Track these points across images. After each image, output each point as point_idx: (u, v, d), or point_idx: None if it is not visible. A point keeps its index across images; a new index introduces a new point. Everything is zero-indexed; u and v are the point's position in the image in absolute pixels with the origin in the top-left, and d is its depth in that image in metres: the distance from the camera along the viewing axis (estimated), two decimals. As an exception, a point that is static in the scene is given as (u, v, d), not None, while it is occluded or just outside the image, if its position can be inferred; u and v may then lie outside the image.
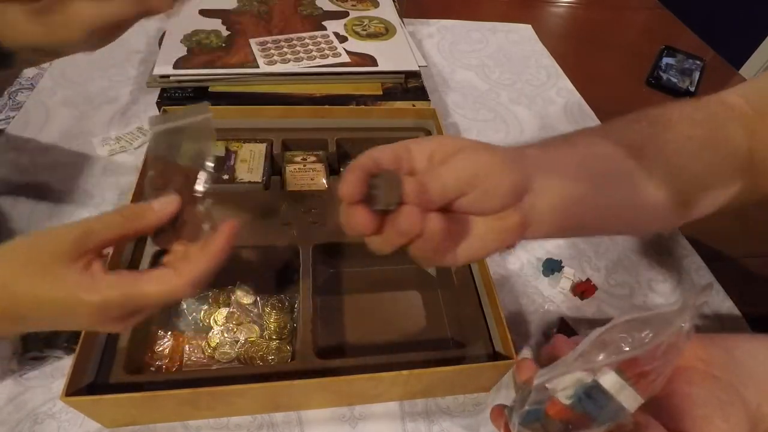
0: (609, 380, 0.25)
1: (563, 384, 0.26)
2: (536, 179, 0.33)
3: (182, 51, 0.68)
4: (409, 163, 0.32)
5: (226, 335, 0.45)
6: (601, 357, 0.25)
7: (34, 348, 0.43)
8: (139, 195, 0.49)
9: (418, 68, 0.71)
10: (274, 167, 0.58)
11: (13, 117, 0.66)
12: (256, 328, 0.46)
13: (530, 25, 1.00)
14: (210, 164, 0.33)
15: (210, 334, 0.45)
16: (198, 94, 0.66)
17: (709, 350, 0.32)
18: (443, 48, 0.92)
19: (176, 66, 0.66)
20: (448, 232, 0.32)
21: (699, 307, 0.25)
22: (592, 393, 0.25)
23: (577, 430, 0.25)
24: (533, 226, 0.33)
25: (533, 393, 0.27)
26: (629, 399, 0.25)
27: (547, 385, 0.26)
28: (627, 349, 0.24)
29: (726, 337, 0.34)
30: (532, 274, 0.57)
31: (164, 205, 0.32)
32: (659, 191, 0.38)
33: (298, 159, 0.59)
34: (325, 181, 0.56)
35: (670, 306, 0.25)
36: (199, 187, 0.34)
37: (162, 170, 0.34)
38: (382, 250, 0.31)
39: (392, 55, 0.73)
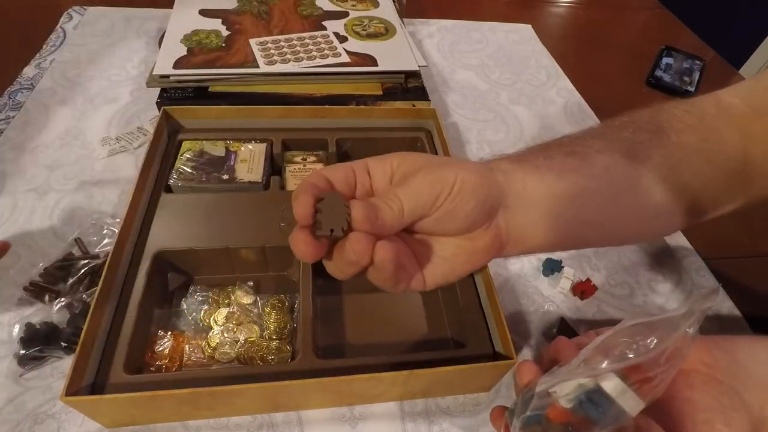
0: (611, 384, 0.25)
1: (566, 390, 0.25)
2: (510, 195, 0.31)
3: (182, 51, 0.68)
4: (368, 183, 0.30)
5: (226, 335, 0.45)
6: (604, 364, 0.25)
7: (34, 348, 0.43)
8: (138, 195, 0.49)
9: (418, 68, 0.71)
10: (274, 167, 0.58)
11: (13, 117, 0.65)
12: (256, 328, 0.46)
13: (530, 25, 1.00)
14: None
15: (210, 334, 0.45)
16: (198, 94, 0.65)
17: (712, 353, 0.31)
18: (443, 48, 0.91)
19: (176, 66, 0.66)
20: (413, 255, 0.30)
21: (704, 312, 0.24)
22: (594, 397, 0.25)
23: (578, 433, 0.25)
24: (513, 243, 0.32)
25: (535, 399, 0.27)
26: (631, 403, 0.25)
27: (549, 391, 0.26)
28: (631, 355, 0.24)
29: (728, 339, 0.34)
30: (532, 275, 0.57)
31: None
32: (650, 201, 0.36)
33: (298, 159, 0.59)
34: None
35: (675, 311, 0.25)
36: None
37: None
38: (339, 277, 0.29)
39: (392, 55, 0.72)
